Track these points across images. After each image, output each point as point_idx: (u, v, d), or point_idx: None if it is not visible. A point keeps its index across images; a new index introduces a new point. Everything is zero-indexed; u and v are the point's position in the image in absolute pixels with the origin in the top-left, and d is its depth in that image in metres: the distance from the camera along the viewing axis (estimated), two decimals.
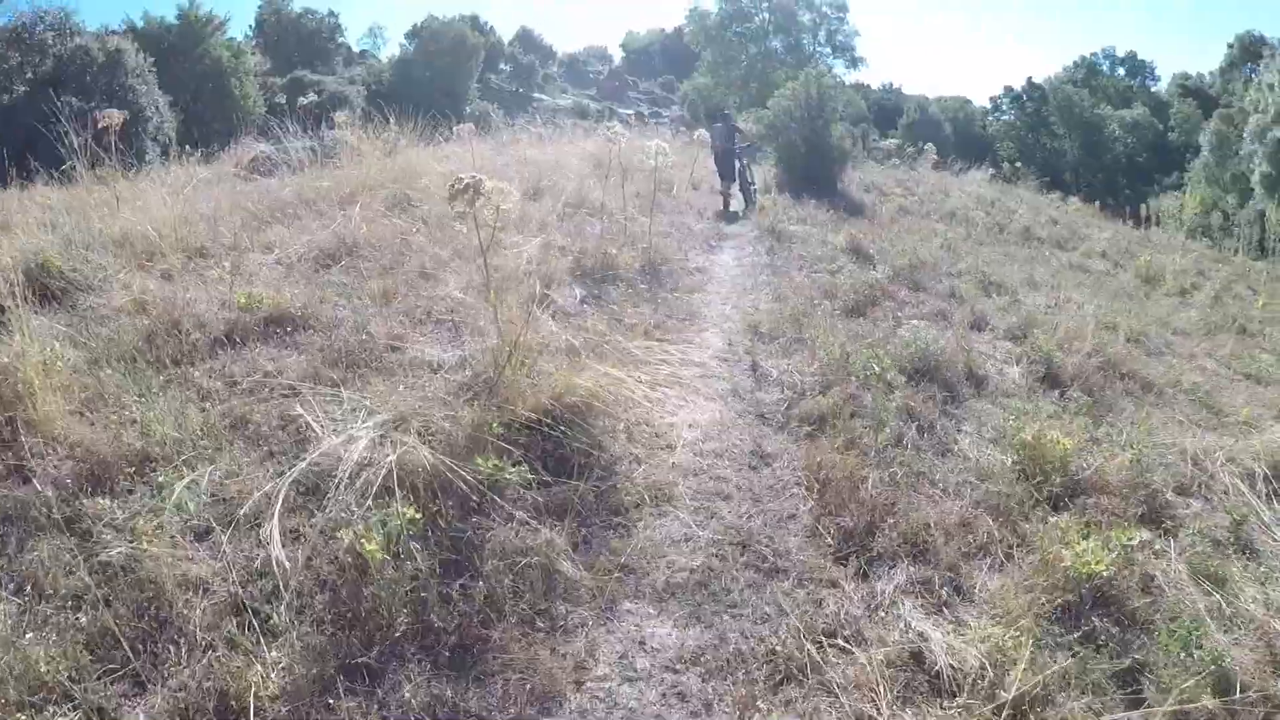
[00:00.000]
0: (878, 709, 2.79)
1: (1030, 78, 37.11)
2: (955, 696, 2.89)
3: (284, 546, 3.09)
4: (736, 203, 13.74)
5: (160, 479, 3.48)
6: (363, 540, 3.04)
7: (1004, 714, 2.80)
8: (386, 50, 46.66)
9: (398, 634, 2.91)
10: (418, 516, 3.25)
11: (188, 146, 16.90)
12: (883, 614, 3.29)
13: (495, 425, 3.84)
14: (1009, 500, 4.27)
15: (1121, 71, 41.18)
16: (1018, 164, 22.18)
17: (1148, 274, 11.57)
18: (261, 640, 2.80)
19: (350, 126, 11.93)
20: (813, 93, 16.04)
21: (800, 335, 6.27)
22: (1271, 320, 10.31)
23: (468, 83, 33.74)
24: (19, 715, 2.48)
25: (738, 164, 13.64)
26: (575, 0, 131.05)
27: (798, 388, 5.15)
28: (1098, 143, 33.50)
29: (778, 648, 3.04)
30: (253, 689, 2.59)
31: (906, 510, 3.93)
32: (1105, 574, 3.60)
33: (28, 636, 2.71)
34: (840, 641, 3.10)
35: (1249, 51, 35.72)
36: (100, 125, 7.80)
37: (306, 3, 42.20)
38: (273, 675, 2.66)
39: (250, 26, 40.76)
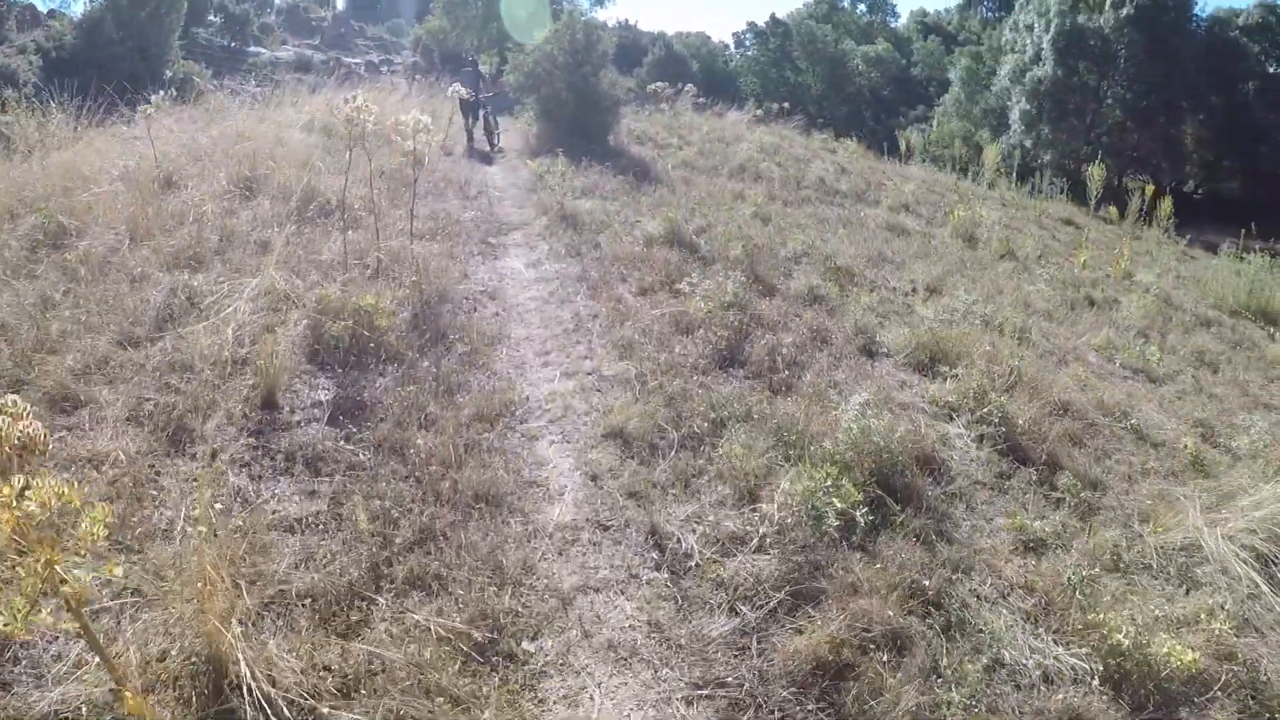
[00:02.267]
0: None
1: (774, 14, 36.66)
2: None
3: None
4: (480, 142, 13.77)
5: None
6: None
7: None
8: (82, 9, 36.96)
9: None
10: None
11: None
12: None
13: None
14: None
15: (863, 8, 42.03)
16: (785, 105, 21.08)
17: (966, 233, 10.59)
18: None
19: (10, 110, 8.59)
20: (578, 36, 13.59)
21: (691, 433, 4.10)
22: (1100, 280, 9.70)
23: (168, 40, 25.94)
24: None
25: (482, 112, 13.75)
26: None
27: (754, 597, 2.99)
28: (841, 77, 33.58)
29: None
30: None
31: None
32: None
33: None
34: None
35: None
36: None
37: None
38: None
39: None
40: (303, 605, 2.58)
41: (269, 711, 2.21)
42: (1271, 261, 11.17)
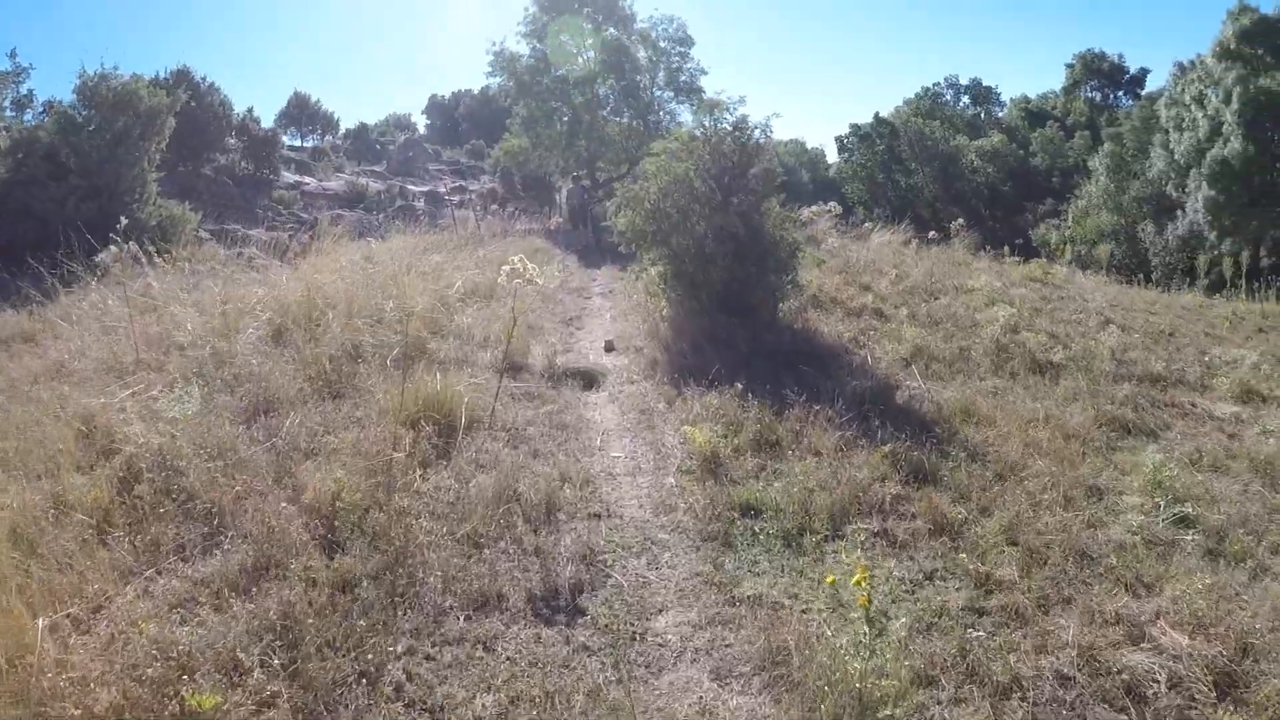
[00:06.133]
0: None
1: (878, 113, 33.15)
2: None
3: None
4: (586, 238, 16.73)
5: None
6: None
7: None
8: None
9: None
10: None
11: None
12: None
13: None
14: None
15: (965, 100, 38.14)
16: (960, 223, 16.65)
17: None
18: None
19: None
20: (727, 148, 8.68)
21: None
22: None
23: (131, 172, 17.17)
24: None
25: (590, 214, 16.61)
26: (385, 66, 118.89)
27: None
28: (954, 175, 29.92)
29: None
30: None
31: None
32: None
33: None
34: None
35: (1091, 69, 33.60)
36: None
37: None
38: None
39: None
40: None
41: None
42: None
